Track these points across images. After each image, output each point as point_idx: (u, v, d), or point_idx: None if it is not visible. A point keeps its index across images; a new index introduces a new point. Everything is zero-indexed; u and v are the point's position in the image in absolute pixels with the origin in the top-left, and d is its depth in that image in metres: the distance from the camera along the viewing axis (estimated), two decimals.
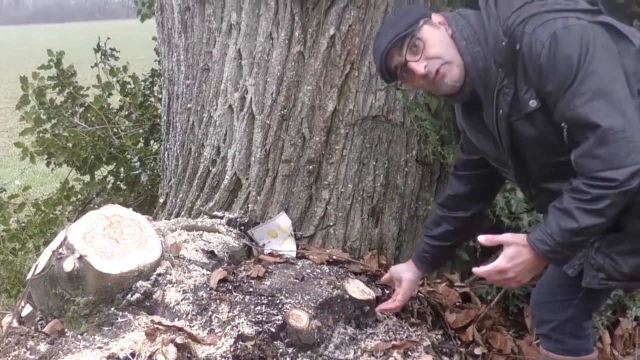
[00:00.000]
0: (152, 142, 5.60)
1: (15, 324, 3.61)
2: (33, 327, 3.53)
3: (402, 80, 2.88)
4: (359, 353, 3.52)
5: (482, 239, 2.71)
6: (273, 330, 3.33)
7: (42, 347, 3.38)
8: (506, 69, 2.60)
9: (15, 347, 3.42)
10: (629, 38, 2.56)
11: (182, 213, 4.33)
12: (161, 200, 4.61)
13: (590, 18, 2.53)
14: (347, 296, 3.57)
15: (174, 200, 4.45)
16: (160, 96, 5.28)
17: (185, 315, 3.42)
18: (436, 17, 2.77)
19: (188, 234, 3.89)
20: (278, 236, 4.04)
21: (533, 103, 2.57)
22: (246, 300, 3.47)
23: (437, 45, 2.71)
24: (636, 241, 2.63)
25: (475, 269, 2.71)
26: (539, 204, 2.91)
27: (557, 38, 2.46)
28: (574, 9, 2.56)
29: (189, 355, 3.18)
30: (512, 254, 2.62)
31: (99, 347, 3.28)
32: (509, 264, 2.61)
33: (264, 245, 4.02)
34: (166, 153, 4.66)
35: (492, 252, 4.10)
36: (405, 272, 3.44)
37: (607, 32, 2.53)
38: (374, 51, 2.89)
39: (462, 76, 2.71)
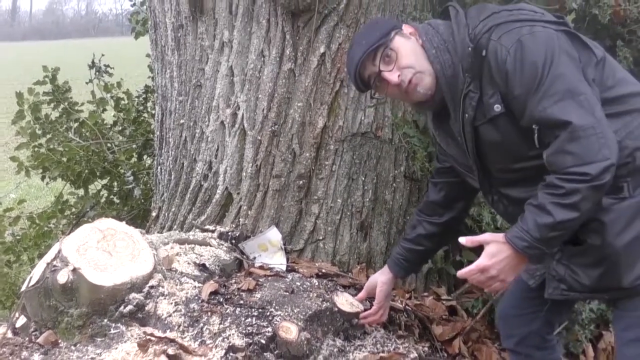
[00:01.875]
0: (145, 157, 5.61)
1: (9, 334, 3.60)
2: (27, 338, 3.52)
3: (376, 90, 2.90)
4: None
5: (463, 240, 2.70)
6: (263, 341, 3.34)
7: (36, 357, 3.37)
8: (472, 74, 2.63)
9: (10, 358, 3.41)
10: (592, 48, 2.59)
11: (175, 227, 4.33)
12: (154, 214, 4.62)
13: (555, 27, 2.57)
14: (336, 309, 3.58)
15: (166, 214, 4.45)
16: (153, 112, 5.28)
17: (177, 327, 3.42)
18: (407, 28, 2.81)
19: (180, 247, 3.89)
20: (268, 250, 4.05)
21: (497, 107, 2.59)
22: (237, 312, 3.47)
23: (409, 55, 2.74)
24: (596, 254, 2.64)
25: (459, 272, 2.70)
26: (500, 210, 2.94)
27: (523, 44, 2.49)
28: (540, 20, 2.60)
29: None
30: (492, 251, 2.61)
31: (92, 358, 3.28)
32: (490, 262, 2.61)
33: (254, 258, 4.02)
34: (159, 168, 4.66)
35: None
36: (379, 276, 3.45)
37: (572, 41, 2.57)
38: (347, 61, 2.91)
39: (433, 85, 2.74)
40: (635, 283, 2.60)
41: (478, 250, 3.90)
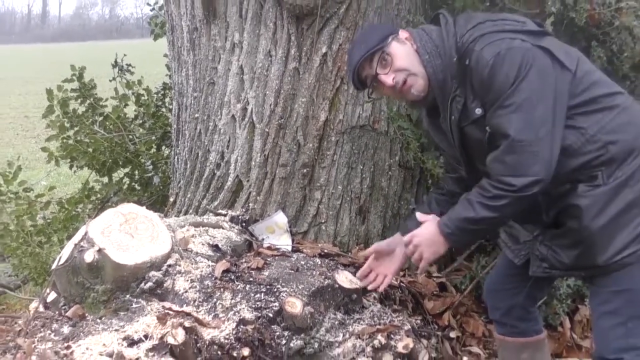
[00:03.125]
0: (163, 147, 5.60)
1: (41, 308, 3.61)
2: (57, 312, 3.52)
3: (372, 89, 2.92)
4: (347, 336, 3.52)
5: (419, 215, 2.99)
6: (271, 315, 3.34)
7: (65, 329, 3.38)
8: (458, 80, 2.67)
9: (41, 329, 3.42)
10: (563, 62, 2.59)
11: (190, 211, 4.33)
12: (171, 200, 4.61)
13: (533, 41, 2.57)
14: (337, 285, 3.58)
15: (182, 200, 4.45)
16: (170, 107, 5.27)
17: (192, 302, 3.42)
18: (403, 34, 2.82)
19: (195, 230, 3.89)
20: (275, 232, 4.04)
21: (478, 111, 2.64)
22: (247, 288, 3.47)
23: (404, 59, 2.76)
24: (574, 236, 2.66)
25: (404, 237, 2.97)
26: None
27: (500, 57, 2.52)
28: (521, 30, 2.62)
29: (195, 337, 3.18)
30: (426, 226, 2.83)
31: (115, 330, 3.28)
32: (419, 233, 2.84)
33: (263, 240, 4.02)
34: (176, 157, 4.66)
35: (465, 249, 4.13)
36: (398, 245, 3.30)
37: (547, 56, 2.57)
38: (347, 62, 2.94)
39: (426, 87, 2.77)
40: (609, 261, 2.61)
41: None
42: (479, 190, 2.63)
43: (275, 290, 3.45)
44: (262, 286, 3.48)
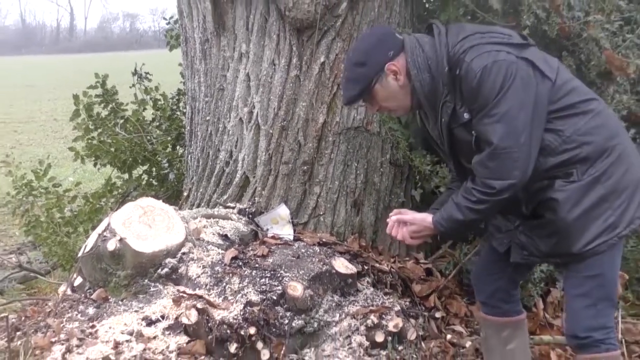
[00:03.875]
0: (178, 147, 5.59)
1: (69, 292, 3.61)
2: (83, 295, 3.53)
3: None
4: (343, 316, 3.53)
5: (394, 217, 2.98)
6: (274, 298, 3.34)
7: (90, 310, 3.38)
8: (448, 88, 2.66)
9: (69, 310, 3.42)
10: (544, 72, 2.60)
11: (202, 204, 4.32)
12: (185, 194, 4.61)
13: (517, 53, 2.57)
14: (334, 271, 3.58)
15: (195, 194, 4.44)
16: (184, 110, 5.26)
17: (204, 286, 3.43)
18: (391, 67, 2.74)
19: (207, 221, 3.89)
20: (279, 223, 4.04)
21: (466, 116, 2.64)
22: (253, 274, 3.47)
23: (385, 100, 2.82)
24: (552, 227, 2.68)
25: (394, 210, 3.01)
26: None
27: (487, 70, 2.52)
28: (507, 43, 2.61)
29: (207, 317, 3.18)
30: (422, 213, 2.89)
31: (135, 311, 3.28)
32: (414, 216, 2.90)
33: (267, 230, 4.02)
34: (189, 156, 4.65)
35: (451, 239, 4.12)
36: None
37: (529, 67, 2.57)
38: (342, 92, 2.98)
39: (407, 109, 2.87)
40: (583, 249, 2.64)
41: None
42: (464, 194, 2.66)
43: (279, 275, 3.46)
44: (266, 272, 3.48)
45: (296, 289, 3.35)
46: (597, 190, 2.60)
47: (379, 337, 3.46)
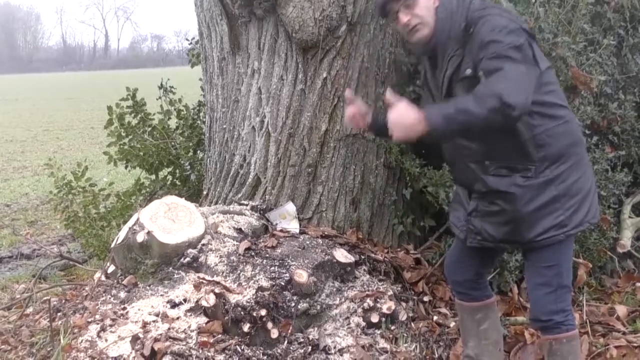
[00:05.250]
0: (198, 152, 5.57)
1: (103, 278, 3.61)
2: (115, 281, 3.53)
3: (390, 19, 2.83)
4: (342, 300, 3.52)
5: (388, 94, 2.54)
6: (283, 284, 3.34)
7: (122, 294, 3.39)
8: (459, 43, 2.59)
9: (103, 294, 3.43)
10: (538, 62, 2.54)
11: (219, 202, 4.31)
12: (204, 193, 4.60)
13: (526, 35, 2.51)
14: (335, 260, 3.58)
15: (213, 193, 4.43)
16: (204, 119, 5.24)
17: (221, 273, 3.43)
18: None
19: (223, 216, 3.88)
20: (287, 218, 4.03)
21: (468, 71, 2.53)
22: (264, 263, 3.47)
23: (423, 9, 2.65)
24: (507, 216, 2.66)
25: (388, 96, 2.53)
26: (449, 154, 2.87)
27: (499, 27, 2.46)
28: (515, 21, 2.55)
29: (223, 301, 3.18)
30: (409, 106, 2.41)
31: (161, 295, 3.29)
32: (402, 111, 2.39)
33: (276, 224, 4.00)
34: (208, 160, 4.64)
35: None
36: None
37: (531, 50, 2.51)
38: None
39: (428, 37, 2.67)
40: (532, 240, 2.65)
41: (437, 217, 3.86)
42: (474, 93, 2.37)
43: (286, 264, 3.46)
44: (275, 261, 3.48)
45: (302, 276, 3.35)
46: (550, 191, 2.59)
47: (374, 318, 3.46)
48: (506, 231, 2.70)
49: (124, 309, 3.25)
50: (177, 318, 3.16)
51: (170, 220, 3.50)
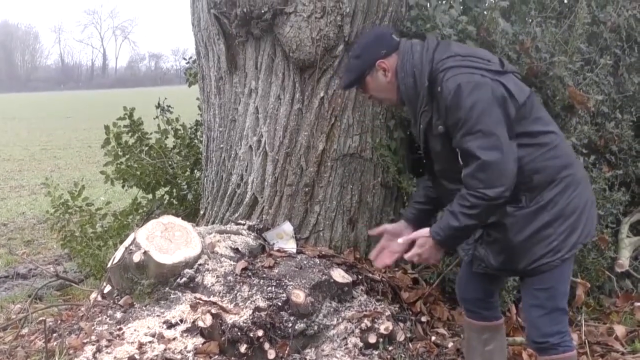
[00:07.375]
0: (195, 171, 5.57)
1: (99, 298, 3.60)
2: (112, 301, 3.52)
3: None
4: (340, 320, 3.51)
5: (401, 240, 2.85)
6: (280, 304, 3.33)
7: (118, 314, 3.37)
8: (427, 100, 2.63)
9: (99, 315, 3.42)
10: (515, 96, 2.55)
11: (216, 221, 4.31)
12: (202, 212, 4.60)
13: (492, 77, 2.54)
14: (332, 280, 3.57)
15: (210, 212, 4.43)
16: (201, 139, 5.25)
17: (218, 293, 3.41)
18: (381, 64, 2.74)
19: (220, 236, 3.87)
20: (284, 238, 4.02)
21: (440, 129, 2.61)
22: (261, 283, 3.46)
23: (374, 90, 2.83)
24: (500, 245, 2.70)
25: (405, 256, 2.81)
26: (438, 191, 2.93)
27: (460, 88, 2.49)
28: (484, 68, 2.57)
29: (220, 321, 3.17)
30: (421, 243, 2.70)
31: (157, 315, 3.27)
32: (420, 250, 2.71)
33: (273, 244, 4.00)
34: (205, 179, 4.64)
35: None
36: (404, 229, 3.05)
37: (501, 87, 2.53)
38: (341, 78, 3.08)
39: (395, 101, 2.84)
40: (527, 268, 2.68)
41: None
42: (459, 201, 2.55)
43: (283, 284, 3.44)
44: (272, 281, 3.47)
45: (299, 296, 3.34)
46: (543, 217, 2.61)
47: (372, 339, 3.44)
48: (502, 260, 2.73)
49: (120, 329, 3.23)
50: (174, 339, 3.15)
51: (167, 240, 3.49)
